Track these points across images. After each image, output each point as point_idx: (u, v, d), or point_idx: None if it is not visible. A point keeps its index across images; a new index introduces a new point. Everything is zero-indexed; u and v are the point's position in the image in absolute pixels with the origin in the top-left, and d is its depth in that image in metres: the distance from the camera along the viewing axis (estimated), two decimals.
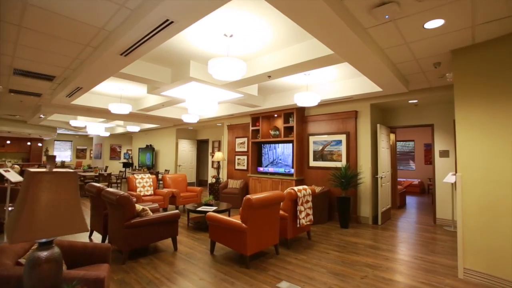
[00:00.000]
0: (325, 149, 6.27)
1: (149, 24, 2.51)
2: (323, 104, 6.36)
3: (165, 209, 6.03)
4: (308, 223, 4.15)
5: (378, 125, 5.60)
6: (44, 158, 16.22)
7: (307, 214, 4.16)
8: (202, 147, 12.28)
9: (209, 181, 10.42)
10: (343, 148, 5.97)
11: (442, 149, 5.53)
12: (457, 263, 3.22)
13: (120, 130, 13.29)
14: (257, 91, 5.43)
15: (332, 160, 6.13)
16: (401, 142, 11.24)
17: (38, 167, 11.65)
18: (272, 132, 7.19)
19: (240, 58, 3.89)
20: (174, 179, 6.83)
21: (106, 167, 13.18)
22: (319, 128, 6.42)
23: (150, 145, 12.75)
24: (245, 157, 8.02)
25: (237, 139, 8.32)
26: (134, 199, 4.94)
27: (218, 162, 8.29)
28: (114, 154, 15.11)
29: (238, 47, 3.74)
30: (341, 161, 5.97)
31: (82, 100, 6.45)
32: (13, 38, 3.24)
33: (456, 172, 5.16)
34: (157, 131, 12.45)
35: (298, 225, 3.99)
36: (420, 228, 5.19)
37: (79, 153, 17.67)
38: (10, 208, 4.61)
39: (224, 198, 7.27)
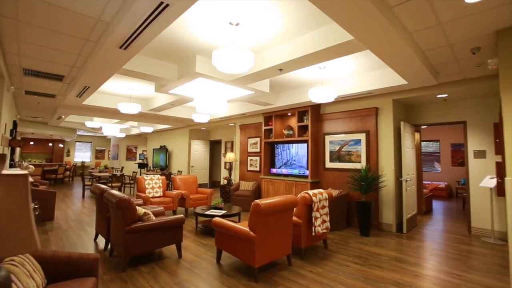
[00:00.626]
0: (343, 150, 5.83)
1: (143, 9, 2.25)
2: (340, 101, 5.92)
3: (174, 212, 5.82)
4: (324, 230, 3.77)
5: (402, 122, 5.10)
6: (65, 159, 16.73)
7: (324, 221, 3.77)
8: (215, 148, 12.10)
9: (222, 183, 10.20)
10: (362, 148, 5.51)
11: (477, 149, 4.94)
12: (508, 286, 2.72)
13: (135, 131, 13.40)
14: (268, 88, 5.10)
15: (350, 161, 5.68)
16: (425, 142, 10.49)
17: (58, 167, 11.94)
18: (285, 132, 6.83)
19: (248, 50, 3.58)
20: (185, 180, 6.63)
21: (122, 167, 13.31)
22: (336, 126, 5.99)
23: (164, 145, 12.73)
24: (258, 158, 7.70)
25: (249, 139, 8.03)
26: (141, 201, 4.75)
27: (230, 163, 8.02)
28: (130, 154, 15.29)
29: (246, 37, 3.43)
30: (360, 162, 5.51)
31: (92, 100, 6.40)
32: (13, 35, 3.11)
33: (497, 175, 4.59)
34: (171, 132, 12.41)
35: (313, 233, 3.61)
36: (452, 238, 4.64)
37: (98, 154, 18.09)
38: None
39: (235, 201, 6.99)
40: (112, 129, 10.27)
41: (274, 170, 7.08)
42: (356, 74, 4.83)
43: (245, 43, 3.61)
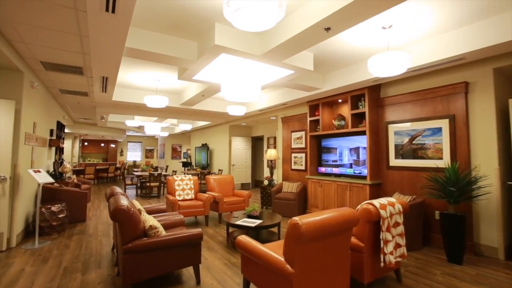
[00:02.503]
0: (414, 142, 4.43)
1: None
2: (408, 78, 4.53)
3: (206, 217, 5.12)
4: (398, 259, 2.58)
5: (510, 100, 3.53)
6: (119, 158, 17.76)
7: (398, 245, 2.58)
8: (257, 145, 11.29)
9: (264, 183, 9.33)
10: (444, 139, 4.05)
11: None
12: None
13: (178, 129, 13.36)
14: (312, 65, 4.00)
15: (425, 157, 4.26)
16: None
17: (108, 166, 12.49)
18: (335, 123, 5.62)
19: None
20: (220, 181, 5.91)
21: (167, 166, 13.42)
22: (403, 113, 4.60)
23: (205, 143, 12.39)
24: (303, 155, 6.61)
25: (292, 134, 6.98)
26: (164, 206, 4.11)
27: (272, 161, 7.08)
28: (175, 153, 15.45)
29: None
30: (441, 158, 4.06)
31: (120, 95, 6.07)
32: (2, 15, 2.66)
33: None
34: (211, 129, 11.99)
35: (382, 264, 2.46)
36: None
37: (148, 153, 18.86)
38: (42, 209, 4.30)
39: (277, 205, 6.03)
40: (153, 127, 10.19)
41: (322, 169, 5.93)
42: (436, 33, 3.44)
43: None
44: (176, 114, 8.39)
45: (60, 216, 4.40)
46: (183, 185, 5.38)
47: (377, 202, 2.56)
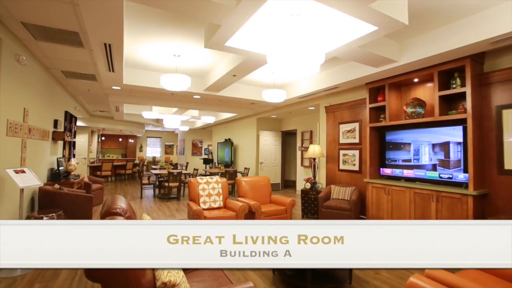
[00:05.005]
0: None
1: None
2: None
3: None
4: None
5: None
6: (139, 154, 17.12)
7: None
8: (287, 140, 9.98)
9: (301, 186, 8.05)
10: None
11: None
12: None
13: (198, 124, 12.33)
14: (407, 16, 2.64)
15: None
16: None
17: (126, 162, 11.70)
18: (408, 110, 4.21)
19: None
20: (253, 184, 4.70)
21: (187, 163, 12.46)
22: None
23: (229, 139, 11.26)
24: (356, 152, 5.25)
25: (341, 126, 5.62)
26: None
27: (314, 159, 5.77)
28: (196, 149, 14.49)
29: None
30: None
31: (131, 77, 4.97)
32: None
33: None
34: (236, 123, 10.81)
35: None
36: None
37: (167, 149, 18.11)
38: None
39: (325, 215, 4.73)
40: (172, 120, 9.20)
41: (387, 171, 4.55)
42: None
43: None
44: (198, 103, 7.29)
45: None
46: (209, 190, 4.22)
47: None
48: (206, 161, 12.78)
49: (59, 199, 4.01)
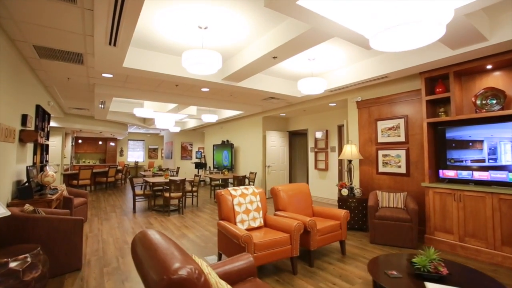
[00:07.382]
0: None
1: None
2: None
3: (291, 260, 2.97)
4: None
5: None
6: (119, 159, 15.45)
7: None
8: (295, 142, 9.14)
9: (314, 192, 7.20)
10: None
11: None
12: None
13: (190, 124, 11.17)
14: None
15: None
16: None
17: (108, 169, 10.21)
18: (479, 102, 3.53)
19: None
20: (292, 193, 3.77)
21: (178, 168, 11.21)
22: None
23: (227, 140, 10.22)
24: (401, 152, 4.52)
25: (378, 123, 4.88)
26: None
27: (350, 161, 4.96)
28: (185, 153, 13.22)
29: None
30: None
31: (136, 59, 3.86)
32: None
33: None
34: (236, 123, 9.81)
35: None
36: None
37: (151, 153, 16.58)
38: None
39: (379, 229, 3.92)
40: (165, 120, 8.01)
41: (448, 173, 3.83)
42: None
43: None
44: (203, 98, 6.25)
45: (28, 277, 2.20)
46: (246, 204, 3.23)
47: None
48: (198, 165, 11.64)
49: (33, 227, 2.78)
